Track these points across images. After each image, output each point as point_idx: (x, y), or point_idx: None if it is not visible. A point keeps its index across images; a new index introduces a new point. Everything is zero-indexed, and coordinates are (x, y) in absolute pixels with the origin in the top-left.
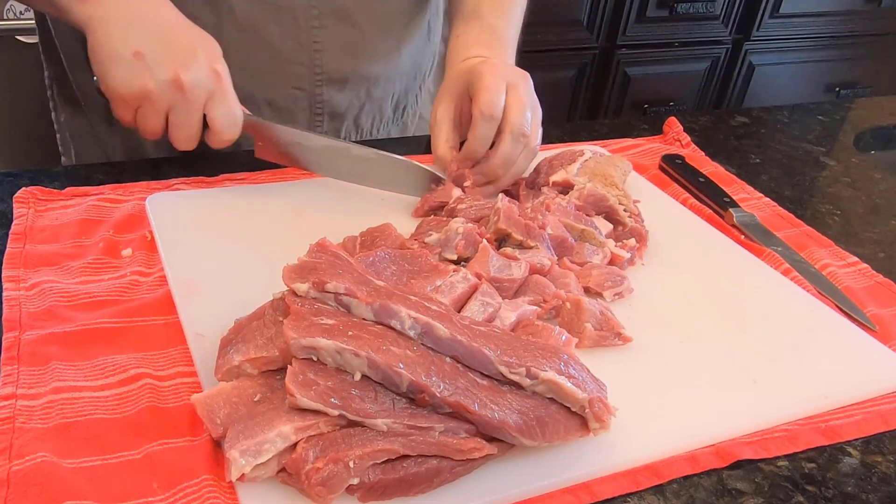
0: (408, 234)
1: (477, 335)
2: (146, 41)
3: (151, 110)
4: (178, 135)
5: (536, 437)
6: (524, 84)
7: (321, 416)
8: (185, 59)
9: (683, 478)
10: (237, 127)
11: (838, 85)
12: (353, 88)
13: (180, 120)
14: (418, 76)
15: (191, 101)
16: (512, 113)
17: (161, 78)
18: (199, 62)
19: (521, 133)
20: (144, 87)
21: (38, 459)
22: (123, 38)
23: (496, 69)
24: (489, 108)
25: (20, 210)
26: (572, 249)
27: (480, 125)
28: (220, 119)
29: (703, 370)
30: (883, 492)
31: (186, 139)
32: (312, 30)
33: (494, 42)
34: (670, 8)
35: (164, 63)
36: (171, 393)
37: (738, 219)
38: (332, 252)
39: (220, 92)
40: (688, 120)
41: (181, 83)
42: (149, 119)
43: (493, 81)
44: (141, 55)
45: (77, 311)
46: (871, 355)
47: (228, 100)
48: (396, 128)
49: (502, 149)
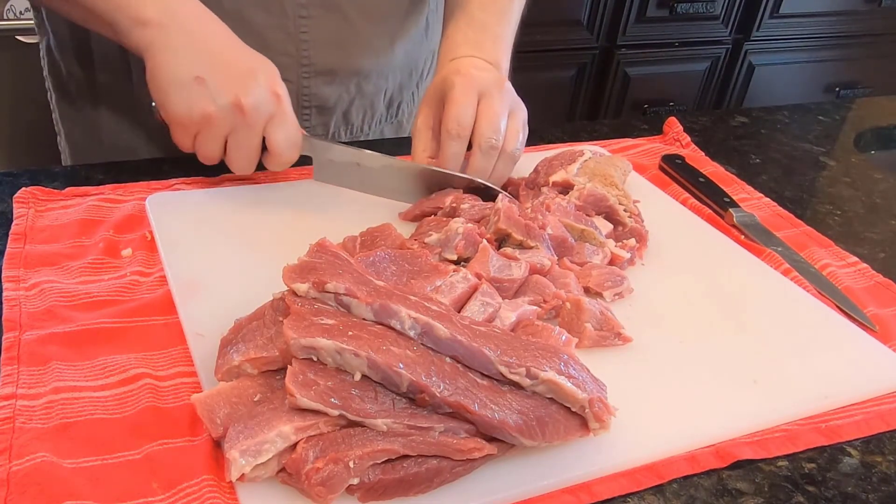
0: (408, 234)
1: (477, 335)
2: (206, 66)
3: (212, 135)
4: (238, 158)
5: (536, 437)
6: (497, 92)
7: (321, 416)
8: (244, 83)
9: (683, 478)
10: (297, 149)
11: (838, 85)
12: (341, 82)
13: (240, 143)
14: (414, 74)
15: (251, 124)
16: (481, 126)
17: (222, 102)
18: (259, 85)
19: (489, 147)
20: (205, 111)
21: (38, 459)
22: (184, 64)
23: (468, 79)
24: (455, 126)
25: (20, 210)
26: (572, 249)
27: (447, 144)
28: (281, 142)
29: (703, 370)
30: (883, 492)
31: (246, 163)
32: (300, 19)
33: (484, 40)
34: (670, 8)
35: (225, 87)
36: (171, 393)
37: (738, 219)
38: (332, 252)
39: (281, 114)
40: (688, 120)
41: (242, 107)
42: (208, 143)
43: (462, 94)
44: (202, 80)
45: (77, 311)
46: (871, 355)
47: (288, 122)
48: (390, 126)
49: (473, 164)
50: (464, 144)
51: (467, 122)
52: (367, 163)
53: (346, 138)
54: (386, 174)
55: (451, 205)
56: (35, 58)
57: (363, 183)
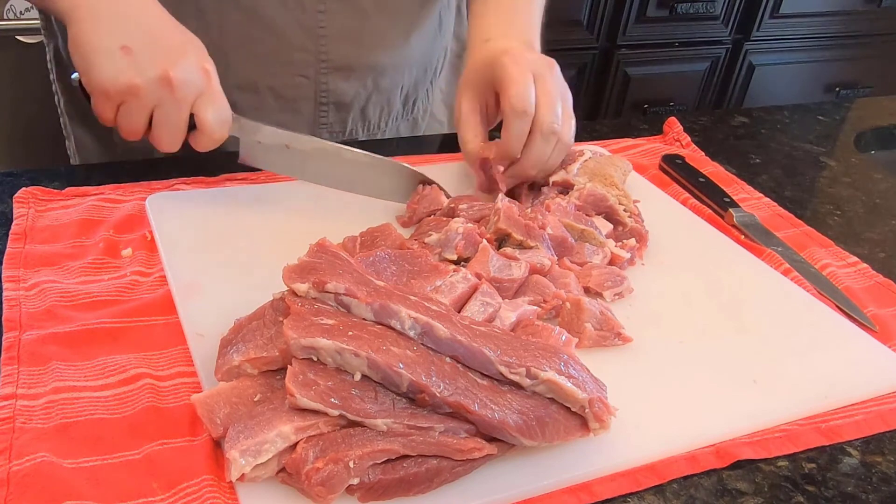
0: (408, 234)
1: (477, 335)
2: (134, 36)
3: (136, 107)
4: (162, 134)
5: (536, 437)
6: (550, 74)
7: (321, 416)
8: (174, 56)
9: (683, 478)
10: (226, 127)
11: (838, 85)
12: (359, 77)
13: (166, 118)
14: (429, 70)
15: (179, 98)
16: (541, 109)
17: (149, 74)
18: (189, 60)
19: (551, 131)
20: (131, 82)
21: (38, 459)
22: (110, 32)
23: (520, 59)
24: (521, 103)
25: (20, 210)
26: (572, 249)
27: (514, 122)
28: (210, 119)
29: (703, 370)
30: (883, 492)
31: (170, 139)
32: (318, 14)
33: (516, 20)
34: (670, 8)
35: (153, 59)
36: (171, 393)
37: (738, 219)
38: (332, 252)
39: (210, 91)
40: (688, 120)
41: (170, 79)
42: (132, 116)
43: (520, 73)
44: (129, 50)
45: (77, 311)
46: (871, 355)
47: (218, 99)
48: (406, 123)
49: (534, 149)
50: (529, 123)
51: (532, 99)
52: (297, 145)
53: (364, 135)
54: (315, 158)
55: (449, 205)
56: (35, 58)
57: (292, 167)
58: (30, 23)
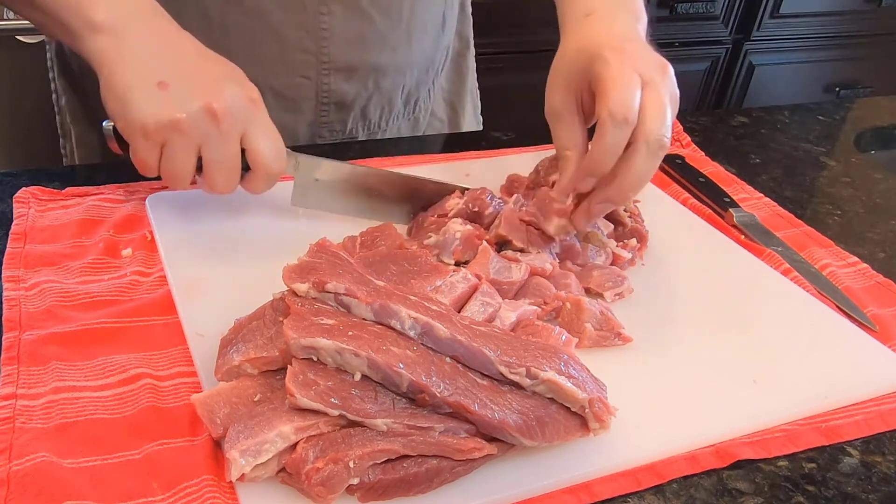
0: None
1: (477, 335)
2: (170, 71)
3: (181, 145)
4: (214, 174)
5: (536, 437)
6: (661, 78)
7: (321, 416)
8: (215, 87)
9: (683, 478)
10: (282, 159)
11: (838, 85)
12: (360, 78)
13: (216, 156)
14: (431, 70)
15: (226, 131)
16: (648, 118)
17: (191, 107)
18: (232, 89)
19: (659, 145)
20: (172, 116)
21: (38, 459)
22: (145, 69)
23: (626, 57)
24: (622, 110)
25: (20, 210)
26: (578, 255)
27: (610, 131)
28: (264, 151)
29: (703, 370)
30: (883, 492)
31: (224, 178)
32: (320, 16)
33: None
34: (670, 8)
35: (193, 91)
36: (171, 393)
37: (738, 219)
38: (332, 252)
39: (260, 121)
40: (688, 120)
41: (214, 111)
42: (178, 157)
43: (624, 74)
44: (166, 85)
45: (77, 311)
46: (871, 355)
47: (270, 129)
48: (407, 123)
49: (636, 165)
50: (628, 134)
51: (636, 106)
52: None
53: (364, 135)
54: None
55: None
56: (35, 57)
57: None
58: (30, 23)
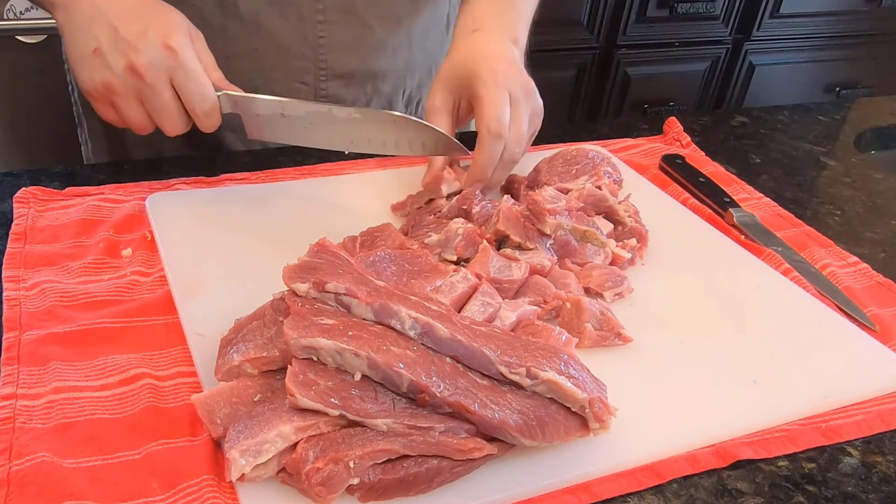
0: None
1: (477, 335)
2: (102, 35)
3: (123, 103)
4: (161, 121)
5: (536, 437)
6: (525, 98)
7: (321, 416)
8: (136, 44)
9: (683, 478)
10: (206, 100)
11: (838, 85)
12: (359, 84)
13: (153, 105)
14: (434, 70)
15: (152, 83)
16: (510, 141)
17: (118, 68)
18: (150, 42)
19: (512, 160)
20: (105, 81)
21: (38, 459)
22: (84, 38)
23: (499, 78)
24: (497, 127)
25: (20, 210)
26: (575, 252)
27: (490, 144)
28: (188, 94)
29: (703, 370)
30: (883, 492)
31: (169, 123)
32: (317, 24)
33: (506, 13)
34: (670, 8)
35: (118, 52)
36: (171, 393)
37: (738, 219)
38: (332, 252)
39: (180, 67)
40: (688, 120)
41: (136, 68)
42: (126, 112)
43: (497, 94)
44: (99, 51)
45: (77, 311)
46: (871, 355)
47: (192, 73)
48: None
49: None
50: (503, 147)
51: (508, 121)
52: (291, 112)
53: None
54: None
55: (460, 206)
56: (35, 58)
57: (294, 135)
58: (30, 23)
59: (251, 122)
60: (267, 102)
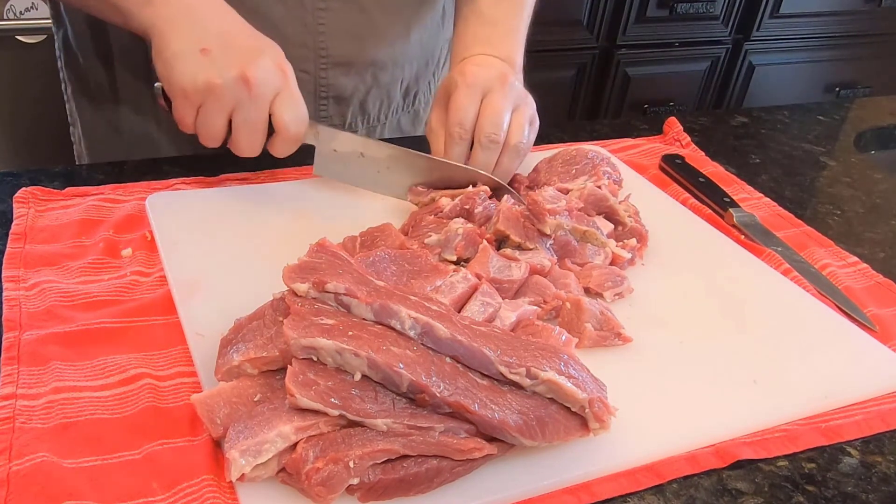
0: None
1: (477, 335)
2: (212, 39)
3: (216, 108)
4: (242, 136)
5: (536, 437)
6: (500, 87)
7: (321, 416)
8: (251, 57)
9: (683, 478)
10: (304, 126)
11: (838, 85)
12: (358, 72)
13: (245, 119)
14: (430, 63)
15: (257, 97)
16: (482, 122)
17: (228, 73)
18: (266, 60)
19: (489, 141)
20: (210, 81)
21: (38, 459)
22: (189, 37)
23: (470, 78)
24: (457, 129)
25: (20, 210)
26: (575, 252)
27: (450, 146)
28: (288, 118)
29: (703, 370)
30: (883, 492)
31: (250, 141)
32: (318, 12)
33: (494, 36)
34: (670, 8)
35: (231, 59)
36: (171, 393)
37: (738, 219)
38: (332, 252)
39: (288, 91)
40: (688, 120)
41: (248, 79)
42: (211, 118)
43: (464, 96)
44: (207, 51)
45: (77, 311)
46: (871, 355)
47: (296, 99)
48: (407, 116)
49: (474, 158)
50: (466, 146)
51: (469, 124)
52: (372, 152)
53: (363, 128)
54: (391, 165)
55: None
56: (35, 58)
57: (366, 177)
58: (30, 23)
59: (325, 156)
60: (349, 139)
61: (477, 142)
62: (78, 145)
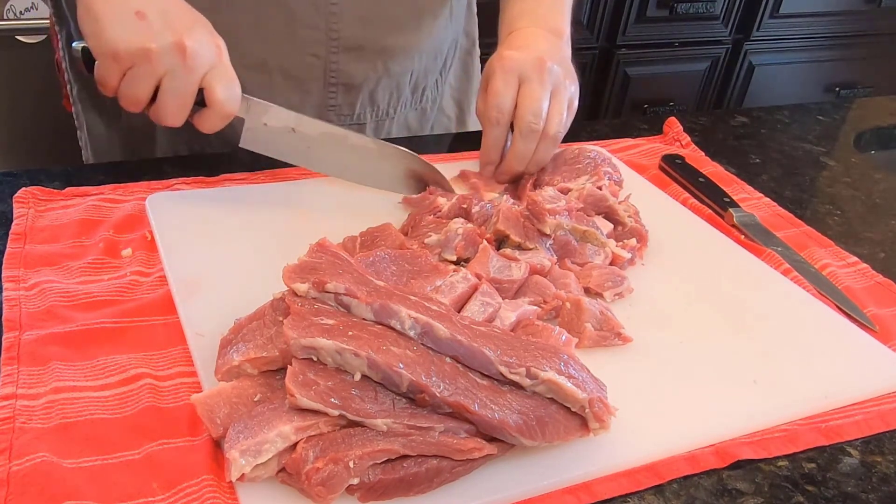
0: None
1: (477, 335)
2: (147, 4)
3: (145, 72)
4: (167, 105)
5: (536, 437)
6: (537, 74)
7: (321, 416)
8: (188, 26)
9: (683, 478)
10: (235, 103)
11: (838, 85)
12: (369, 59)
13: (175, 87)
14: (438, 58)
15: (191, 68)
16: (521, 110)
17: (164, 39)
18: (202, 32)
19: (529, 130)
20: (144, 45)
21: (38, 459)
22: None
23: (507, 63)
24: (494, 114)
25: (20, 210)
26: (575, 252)
27: (488, 131)
28: (220, 93)
29: (703, 370)
30: (883, 492)
31: (175, 111)
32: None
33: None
34: (670, 8)
35: (168, 26)
36: (171, 393)
37: (738, 219)
38: (332, 252)
39: (222, 66)
40: (688, 120)
41: (184, 47)
42: (138, 82)
43: (501, 81)
44: (143, 15)
45: (77, 311)
46: (871, 355)
47: (231, 75)
48: (415, 112)
49: (514, 148)
50: (505, 130)
51: (506, 108)
52: (304, 129)
53: (372, 120)
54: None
55: (459, 206)
56: (35, 58)
57: (296, 153)
58: (30, 23)
59: (253, 130)
60: (281, 113)
61: (517, 130)
62: (86, 150)
